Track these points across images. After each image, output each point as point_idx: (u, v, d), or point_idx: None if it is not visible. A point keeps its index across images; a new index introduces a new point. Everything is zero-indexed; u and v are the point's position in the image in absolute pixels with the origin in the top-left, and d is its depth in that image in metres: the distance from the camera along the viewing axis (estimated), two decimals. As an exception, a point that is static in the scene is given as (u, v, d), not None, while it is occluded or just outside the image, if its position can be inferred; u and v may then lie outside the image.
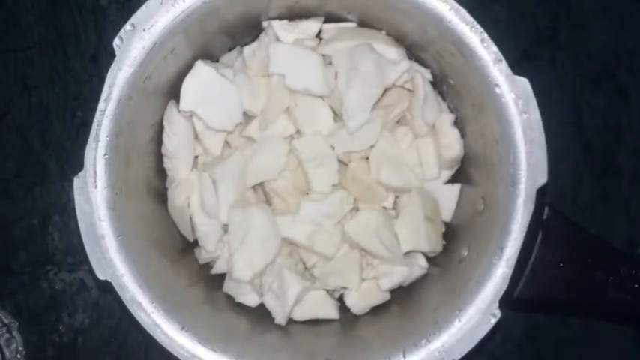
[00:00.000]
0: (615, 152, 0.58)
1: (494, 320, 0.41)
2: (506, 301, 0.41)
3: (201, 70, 0.48)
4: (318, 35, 0.50)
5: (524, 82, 0.41)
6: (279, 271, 0.48)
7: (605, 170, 0.58)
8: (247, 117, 0.49)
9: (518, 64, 0.56)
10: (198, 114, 0.48)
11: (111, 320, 0.56)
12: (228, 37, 0.50)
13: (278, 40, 0.49)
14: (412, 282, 0.50)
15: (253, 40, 0.50)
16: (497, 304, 0.41)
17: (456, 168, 0.50)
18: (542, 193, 0.41)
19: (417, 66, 0.49)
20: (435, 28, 0.43)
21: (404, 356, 0.42)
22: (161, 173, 0.50)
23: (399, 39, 0.49)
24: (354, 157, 0.49)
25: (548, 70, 0.57)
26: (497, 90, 0.42)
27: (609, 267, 0.41)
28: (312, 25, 0.49)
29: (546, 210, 0.42)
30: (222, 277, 0.51)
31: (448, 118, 0.49)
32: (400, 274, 0.49)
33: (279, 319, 0.48)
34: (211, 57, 0.50)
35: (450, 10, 0.42)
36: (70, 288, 0.56)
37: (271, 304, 0.49)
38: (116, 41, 0.42)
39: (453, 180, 0.50)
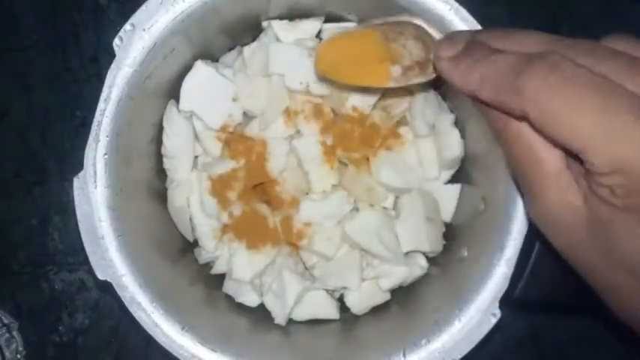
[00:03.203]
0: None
1: (494, 320, 0.41)
2: (507, 301, 0.41)
3: (201, 70, 0.48)
4: (318, 35, 0.50)
5: (524, 82, 0.41)
6: (279, 271, 0.48)
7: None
8: (247, 117, 0.49)
9: (518, 64, 0.56)
10: (198, 114, 0.48)
11: (111, 321, 0.56)
12: (228, 37, 0.50)
13: (278, 40, 0.49)
14: (412, 282, 0.50)
15: (253, 40, 0.50)
16: (497, 304, 0.41)
17: (456, 168, 0.50)
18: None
19: (417, 66, 0.49)
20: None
21: (404, 356, 0.42)
22: (161, 173, 0.50)
23: (399, 39, 0.49)
24: (354, 157, 0.49)
25: (548, 70, 0.57)
26: (497, 90, 0.42)
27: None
28: (312, 25, 0.49)
29: (547, 210, 0.41)
30: (222, 277, 0.51)
31: (448, 118, 0.48)
32: (400, 274, 0.49)
33: (280, 319, 0.48)
34: (211, 57, 0.50)
35: (451, 10, 0.42)
36: (70, 288, 0.56)
37: (271, 305, 0.49)
38: (116, 41, 0.42)
39: (453, 180, 0.50)
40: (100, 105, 0.42)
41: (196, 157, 0.50)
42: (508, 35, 0.28)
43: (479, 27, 0.42)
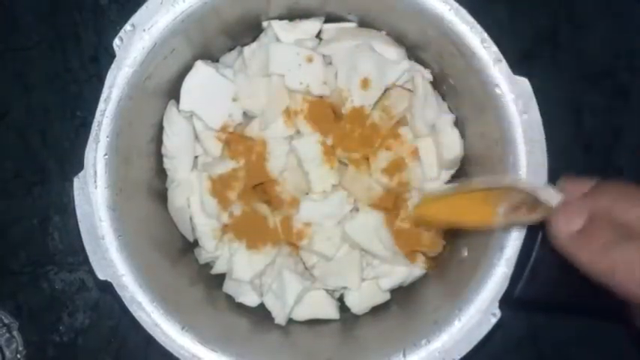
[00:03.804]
0: (615, 152, 0.58)
1: (494, 320, 0.41)
2: (507, 301, 0.41)
3: (202, 70, 0.48)
4: (318, 35, 0.50)
5: (524, 82, 0.41)
6: (279, 271, 0.48)
7: (605, 170, 0.58)
8: (247, 117, 0.49)
9: (518, 64, 0.56)
10: (198, 114, 0.48)
11: (111, 321, 0.56)
12: (228, 37, 0.50)
13: (278, 40, 0.49)
14: (412, 282, 0.50)
15: (253, 40, 0.50)
16: (497, 304, 0.41)
17: (456, 168, 0.50)
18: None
19: (417, 66, 0.49)
20: (435, 29, 0.43)
21: (404, 356, 0.42)
22: (161, 173, 0.50)
23: (399, 39, 0.49)
24: (354, 157, 0.49)
25: (548, 70, 0.57)
26: (497, 90, 0.42)
27: (609, 267, 0.41)
28: (312, 25, 0.49)
29: (546, 210, 0.42)
30: (222, 277, 0.51)
31: (448, 118, 0.48)
32: (400, 274, 0.49)
33: (280, 319, 0.48)
34: (211, 57, 0.50)
35: (450, 10, 0.42)
36: (70, 288, 0.56)
37: (271, 305, 0.49)
38: (116, 41, 0.42)
39: (453, 180, 0.50)
40: (100, 105, 0.42)
41: (196, 157, 0.50)
42: (631, 200, 0.25)
43: (478, 27, 0.42)
